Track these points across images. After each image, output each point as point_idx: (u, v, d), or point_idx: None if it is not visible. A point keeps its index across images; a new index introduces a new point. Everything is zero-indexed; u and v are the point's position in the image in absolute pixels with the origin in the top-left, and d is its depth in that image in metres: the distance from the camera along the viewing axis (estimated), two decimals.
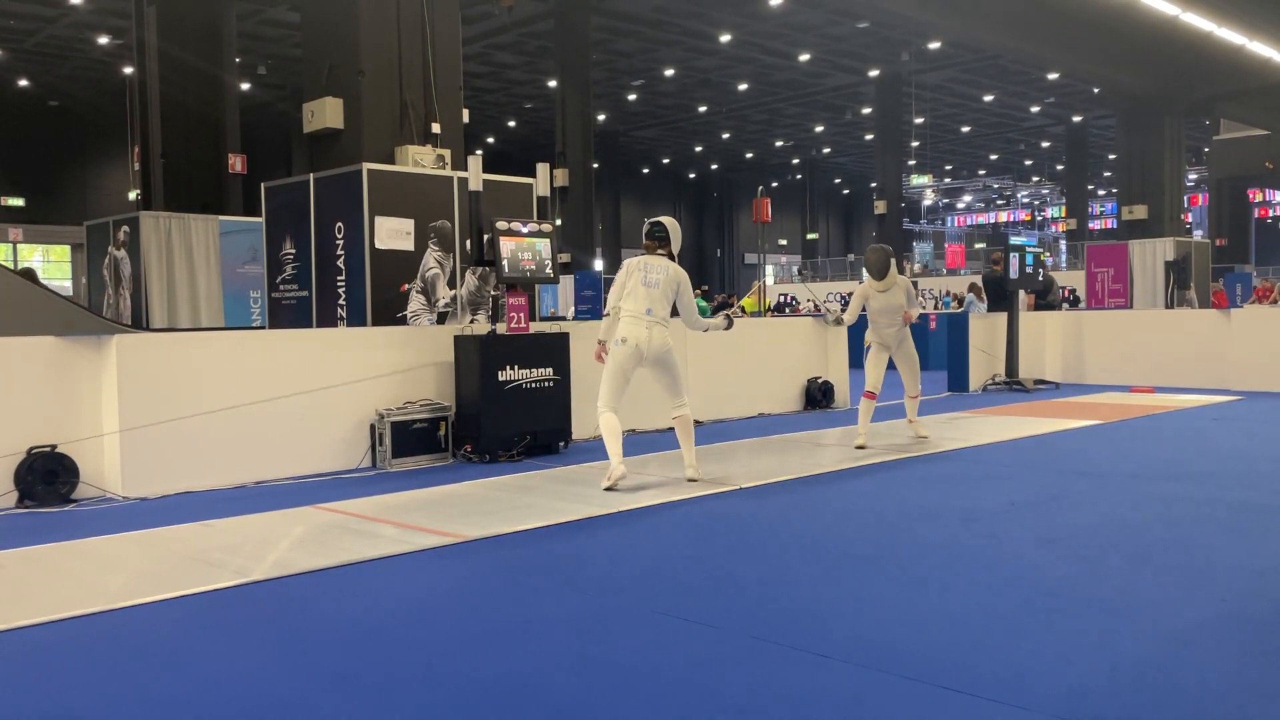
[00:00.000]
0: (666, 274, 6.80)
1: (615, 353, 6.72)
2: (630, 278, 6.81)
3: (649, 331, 6.68)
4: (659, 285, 6.76)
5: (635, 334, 6.67)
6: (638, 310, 6.71)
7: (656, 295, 6.74)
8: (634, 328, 6.68)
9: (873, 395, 8.54)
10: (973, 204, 66.22)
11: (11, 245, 33.89)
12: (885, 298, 8.49)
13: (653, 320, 6.70)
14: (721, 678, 3.35)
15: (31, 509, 6.37)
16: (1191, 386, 13.27)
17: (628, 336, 6.68)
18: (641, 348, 6.67)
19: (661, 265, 6.84)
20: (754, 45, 31.19)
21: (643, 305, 6.71)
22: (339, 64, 10.02)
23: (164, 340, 7.76)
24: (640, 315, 6.70)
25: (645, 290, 6.75)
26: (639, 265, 6.86)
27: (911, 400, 8.89)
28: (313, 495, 6.69)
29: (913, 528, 5.54)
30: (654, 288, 6.75)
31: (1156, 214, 27.41)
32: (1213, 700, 3.08)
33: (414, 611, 4.17)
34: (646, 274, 6.79)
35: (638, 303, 6.72)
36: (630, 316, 6.71)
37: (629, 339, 6.67)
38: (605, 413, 6.72)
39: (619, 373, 6.73)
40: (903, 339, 8.61)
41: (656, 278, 6.77)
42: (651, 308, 6.71)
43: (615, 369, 6.73)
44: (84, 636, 3.88)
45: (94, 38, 27.74)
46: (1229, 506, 5.91)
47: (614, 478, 6.55)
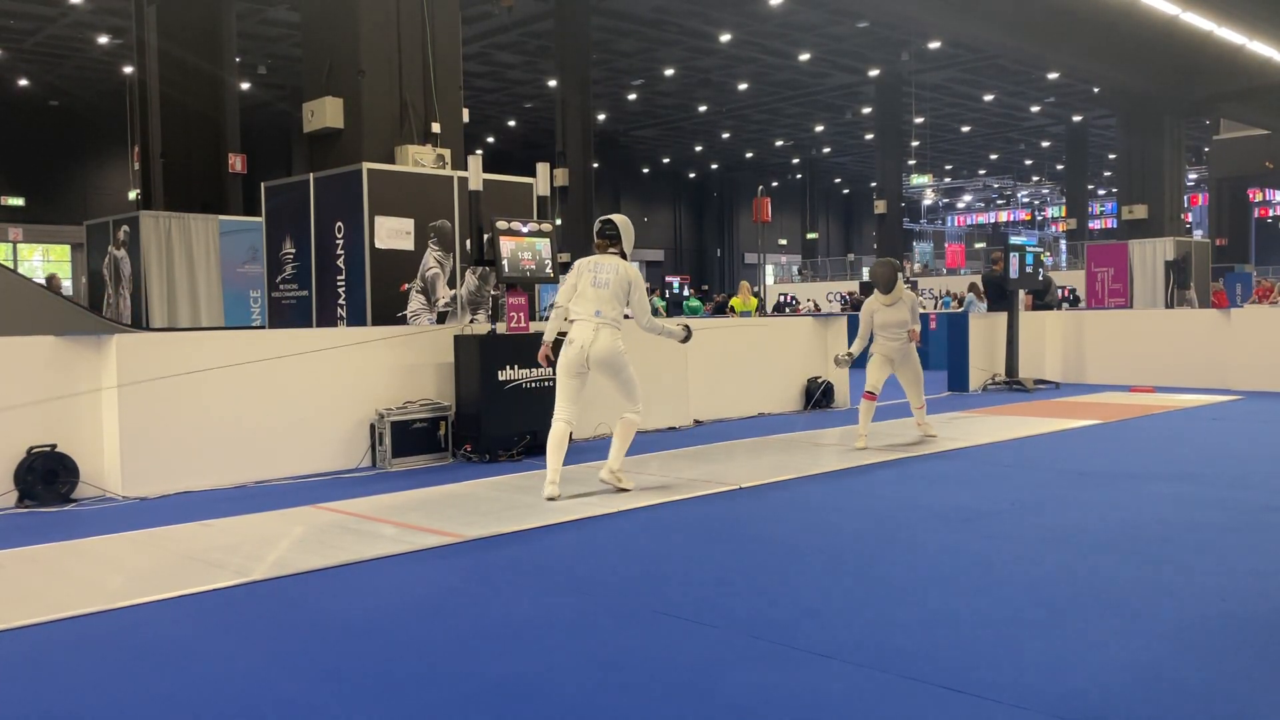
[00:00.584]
0: (617, 274, 6.53)
1: (562, 355, 6.50)
2: (580, 278, 6.56)
3: (595, 334, 6.40)
4: (609, 285, 6.48)
5: (582, 336, 6.43)
6: (586, 312, 6.46)
7: (606, 296, 6.47)
8: (581, 330, 6.45)
9: (873, 396, 8.56)
10: (973, 204, 66.21)
11: (11, 245, 33.88)
12: (891, 312, 8.54)
13: (601, 322, 6.43)
14: (721, 678, 3.35)
15: (31, 509, 6.37)
16: (1191, 386, 13.27)
17: (574, 338, 6.46)
18: (585, 349, 6.40)
19: (612, 265, 6.57)
20: (754, 45, 31.19)
21: (591, 307, 6.45)
22: (339, 64, 10.02)
23: (164, 340, 7.76)
24: (589, 317, 6.45)
25: (594, 291, 6.49)
26: (589, 265, 6.60)
27: (918, 410, 8.92)
28: (312, 495, 6.69)
29: (913, 528, 5.54)
30: (603, 288, 6.48)
31: (1156, 214, 27.40)
32: (1213, 700, 3.08)
33: (414, 611, 4.17)
34: (596, 274, 6.53)
35: (586, 304, 6.47)
36: (579, 319, 6.49)
37: (575, 340, 6.45)
38: (556, 420, 6.51)
39: (564, 376, 6.50)
40: (907, 353, 8.65)
41: (606, 278, 6.51)
42: (600, 309, 6.44)
43: (561, 372, 6.52)
44: (84, 636, 3.88)
45: (94, 37, 27.74)
46: (1229, 506, 5.91)
47: (547, 496, 6.28)
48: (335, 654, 3.65)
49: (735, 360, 10.94)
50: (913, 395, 8.86)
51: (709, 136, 47.16)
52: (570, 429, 6.52)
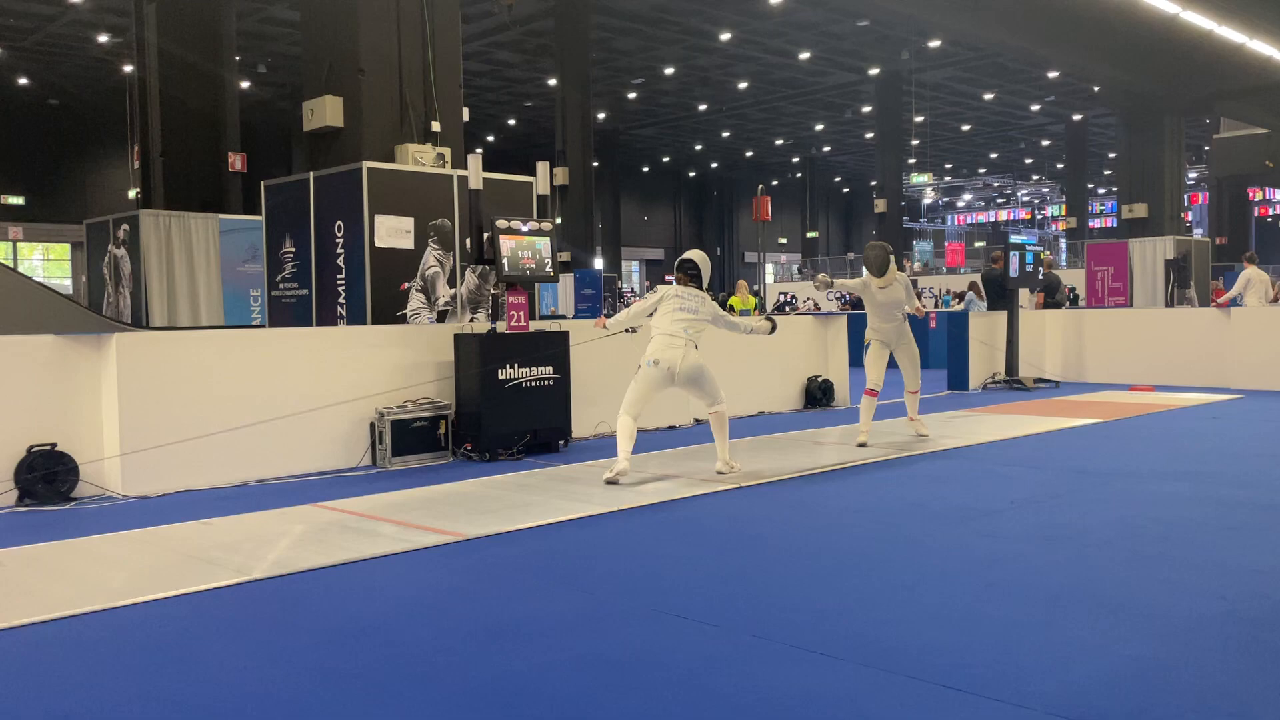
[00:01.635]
0: (703, 303, 7.10)
1: (646, 373, 6.95)
2: (665, 302, 7.07)
3: (683, 353, 6.89)
4: (696, 312, 7.02)
5: (669, 356, 6.87)
6: (674, 330, 6.93)
7: (692, 320, 6.99)
8: (669, 350, 6.89)
9: (874, 393, 8.54)
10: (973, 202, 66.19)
11: (11, 244, 33.88)
12: (885, 294, 8.52)
13: (688, 341, 6.93)
14: (722, 676, 3.35)
15: (31, 507, 6.37)
16: (1191, 385, 13.27)
17: (660, 359, 6.88)
18: (674, 369, 6.88)
19: (698, 296, 7.11)
20: (754, 43, 31.18)
21: (679, 327, 6.94)
22: (339, 62, 10.02)
23: (164, 339, 7.76)
24: (677, 335, 6.92)
25: (681, 314, 6.98)
26: (675, 293, 7.11)
27: (911, 395, 8.88)
28: (312, 494, 6.69)
29: (913, 526, 5.54)
30: (691, 313, 7.00)
31: (1156, 212, 27.39)
32: (1212, 699, 3.08)
33: (414, 610, 4.17)
34: (683, 302, 7.04)
35: (674, 324, 6.95)
36: (665, 335, 6.93)
37: (662, 361, 6.88)
38: (624, 416, 6.95)
39: (647, 390, 6.99)
40: (902, 334, 8.62)
41: (694, 305, 7.04)
42: (688, 328, 6.95)
43: (644, 386, 6.98)
44: (84, 635, 3.88)
45: (94, 36, 27.73)
46: (1228, 505, 5.91)
47: (616, 470, 6.79)
48: (335, 652, 3.65)
49: (735, 359, 10.92)
50: (909, 378, 8.85)
51: (709, 135, 47.15)
52: (637, 423, 7.00)
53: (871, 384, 8.56)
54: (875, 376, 8.57)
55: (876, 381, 8.56)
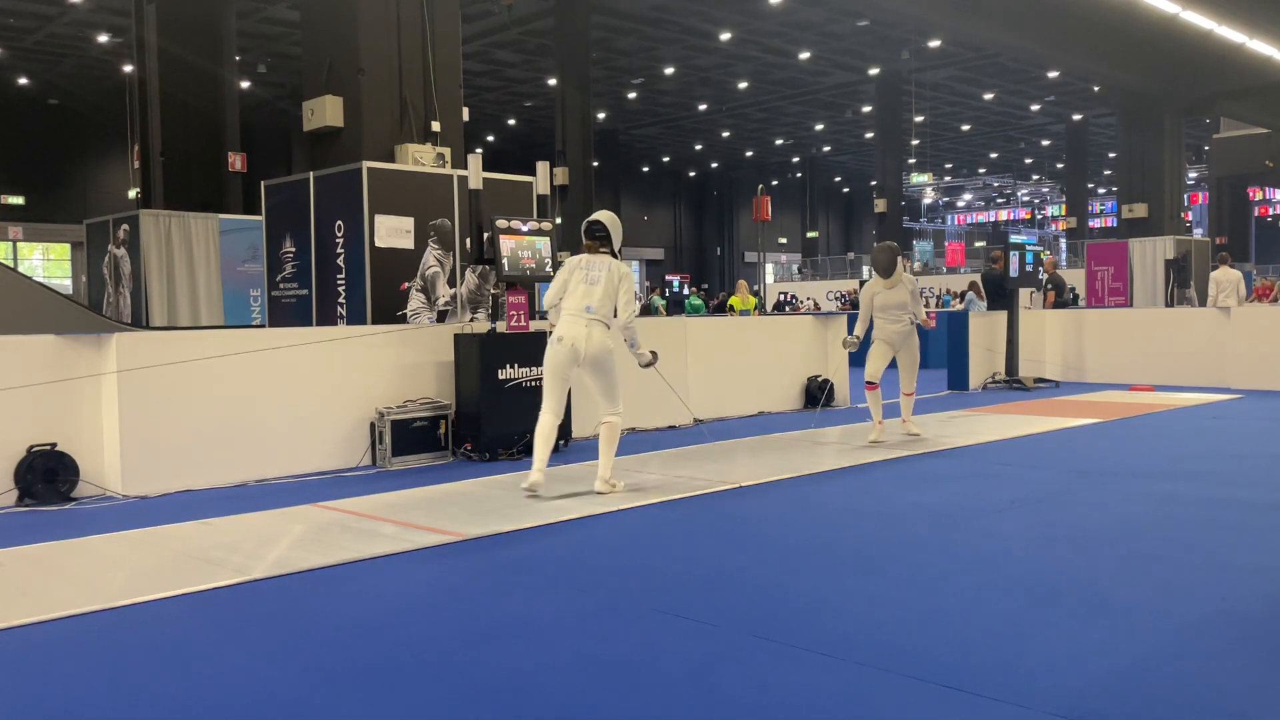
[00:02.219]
0: (608, 271, 6.50)
1: (551, 351, 6.46)
2: (571, 275, 6.53)
3: (588, 330, 6.37)
4: (600, 283, 6.46)
5: (573, 332, 6.37)
6: (577, 307, 6.43)
7: (597, 293, 6.44)
8: (573, 326, 6.39)
9: (874, 385, 8.59)
10: (973, 202, 66.20)
11: (11, 244, 33.88)
12: (891, 295, 8.55)
13: (592, 318, 6.40)
14: (722, 676, 3.35)
15: (31, 507, 6.37)
16: (1191, 385, 13.27)
17: (564, 335, 6.38)
18: (579, 347, 6.36)
19: (603, 263, 6.54)
20: (754, 43, 31.18)
21: (582, 302, 6.43)
22: (339, 62, 10.02)
23: (164, 339, 7.76)
24: (579, 313, 6.41)
25: (586, 287, 6.46)
26: (580, 263, 6.57)
27: (906, 398, 8.91)
28: (313, 493, 6.69)
29: (913, 526, 5.54)
30: (595, 285, 6.46)
31: (1156, 212, 27.39)
32: (1212, 699, 3.08)
33: (414, 610, 4.17)
34: (588, 272, 6.51)
35: (577, 300, 6.45)
36: (569, 314, 6.44)
37: (565, 337, 6.38)
38: (542, 415, 6.48)
39: (555, 372, 6.47)
40: (906, 336, 8.65)
41: (598, 275, 6.48)
42: (591, 304, 6.42)
43: (551, 369, 6.48)
44: (84, 635, 3.88)
45: (94, 36, 27.72)
46: (1229, 505, 5.91)
47: (528, 483, 6.31)
48: (335, 652, 3.65)
49: (735, 359, 10.94)
50: (905, 380, 8.87)
51: (709, 135, 47.15)
52: (558, 420, 6.50)
53: (870, 376, 8.61)
54: (874, 370, 8.61)
55: (875, 374, 8.61)
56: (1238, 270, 17.69)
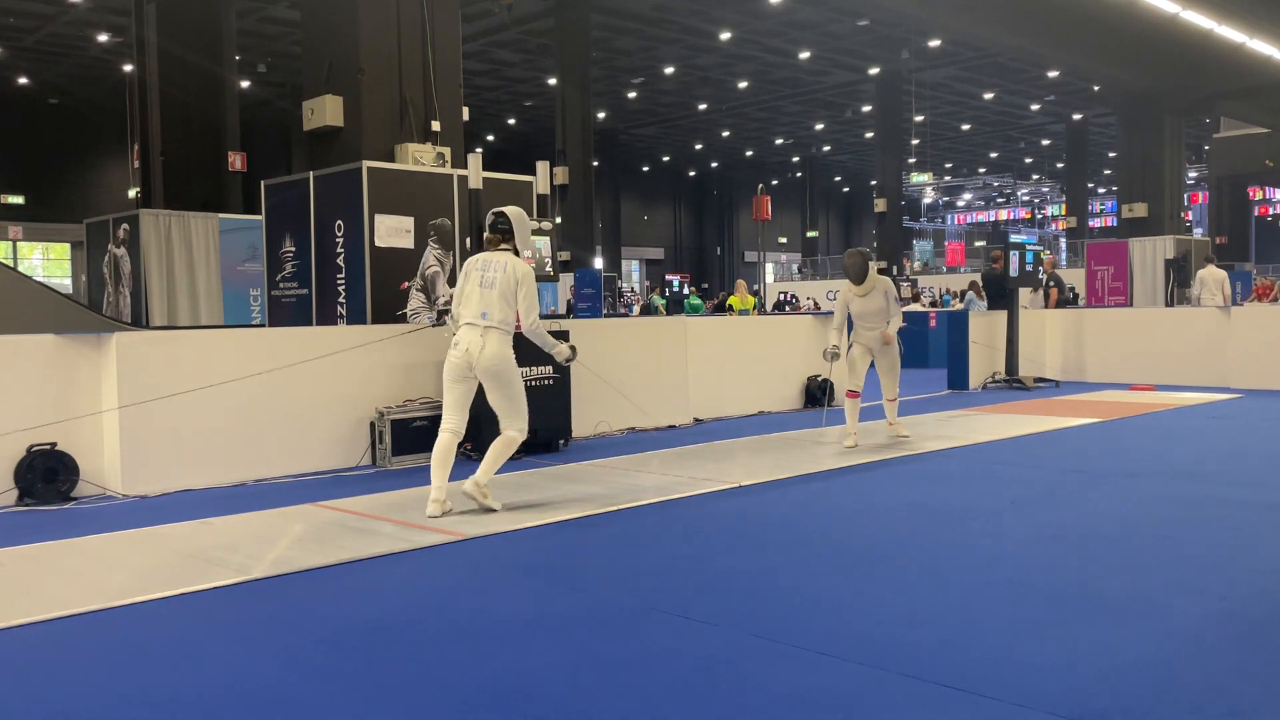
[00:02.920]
0: (504, 271, 5.94)
1: (447, 360, 5.99)
2: (468, 280, 6.02)
3: (482, 339, 5.86)
4: (495, 285, 5.91)
5: (467, 339, 5.89)
6: (473, 315, 5.91)
7: (493, 297, 5.90)
8: (469, 334, 5.90)
9: (856, 394, 8.55)
10: (973, 202, 66.19)
11: (11, 243, 33.89)
12: (865, 301, 8.45)
13: (488, 325, 5.88)
14: (721, 675, 3.35)
15: (31, 507, 6.37)
16: (1191, 384, 13.27)
17: (460, 341, 5.92)
18: (471, 355, 5.87)
19: (501, 262, 5.98)
20: (754, 43, 31.17)
21: (477, 309, 5.91)
22: (339, 62, 10.02)
23: (164, 338, 7.76)
24: (476, 320, 5.90)
25: (480, 292, 5.93)
26: (477, 264, 6.05)
27: (890, 403, 8.87)
28: (312, 493, 6.69)
29: (913, 526, 5.54)
30: (490, 288, 5.92)
31: (1156, 212, 27.40)
32: (1212, 698, 3.08)
33: (414, 609, 4.18)
34: (484, 273, 5.97)
35: (472, 306, 5.93)
36: (467, 323, 5.93)
37: (460, 344, 5.91)
38: (441, 432, 6.04)
39: (450, 383, 5.99)
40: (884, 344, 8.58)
41: (493, 276, 5.94)
42: (487, 311, 5.89)
43: (446, 379, 6.01)
44: (84, 634, 3.88)
45: (94, 35, 27.72)
46: (1229, 505, 5.91)
47: (431, 512, 5.83)
48: (334, 652, 3.65)
49: (735, 358, 10.94)
50: (887, 386, 8.82)
51: (709, 135, 47.14)
52: (457, 439, 6.06)
53: (852, 385, 8.56)
54: (856, 380, 8.56)
55: (857, 384, 8.55)
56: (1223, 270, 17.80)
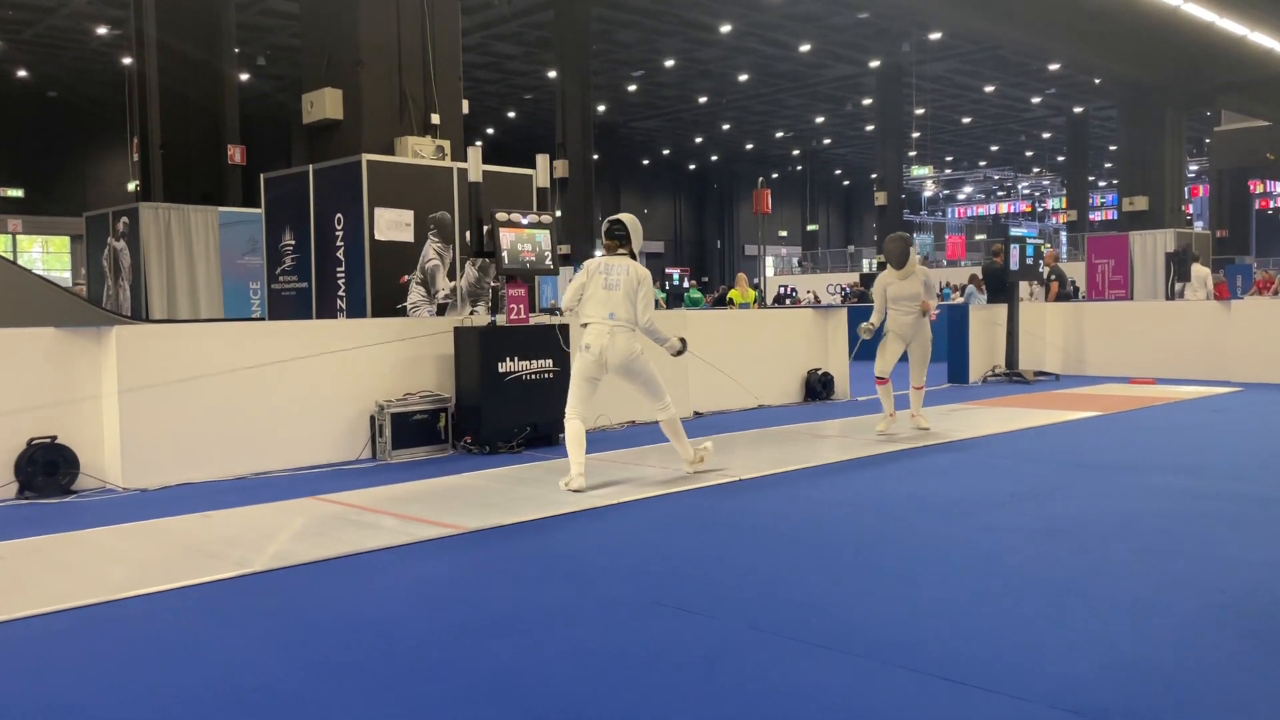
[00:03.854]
0: (627, 274, 6.43)
1: (579, 360, 6.49)
2: (591, 281, 6.49)
3: (611, 338, 6.36)
4: (619, 287, 6.40)
5: (598, 341, 6.37)
6: (600, 315, 6.40)
7: (618, 298, 6.38)
8: (597, 334, 6.38)
9: (884, 380, 8.64)
10: (973, 195, 66.16)
11: (11, 236, 33.87)
12: (904, 286, 8.59)
13: (615, 325, 6.37)
14: (720, 668, 3.35)
15: (32, 500, 6.38)
16: (1191, 378, 13.27)
17: (591, 343, 6.40)
18: (605, 355, 6.38)
19: (622, 266, 6.47)
20: (754, 36, 31.12)
21: (604, 310, 6.39)
22: (338, 55, 10.00)
23: (164, 332, 7.76)
24: (603, 320, 6.39)
25: (606, 293, 6.41)
26: (599, 267, 6.52)
27: (916, 391, 8.91)
28: (313, 486, 6.69)
29: (912, 519, 5.54)
30: (614, 289, 6.40)
31: (1157, 205, 27.39)
32: (1210, 692, 3.09)
33: (414, 602, 4.18)
34: (608, 275, 6.45)
35: (599, 307, 6.41)
36: (594, 323, 6.43)
37: (592, 346, 6.39)
38: (570, 420, 6.47)
39: (582, 380, 6.48)
40: (920, 328, 8.67)
41: (617, 279, 6.42)
42: (614, 312, 6.37)
43: (579, 376, 6.50)
44: (85, 627, 3.89)
45: (93, 28, 27.68)
46: (1228, 498, 5.91)
47: (571, 485, 6.28)
48: (335, 645, 3.65)
49: (735, 352, 10.93)
50: (916, 372, 8.88)
51: (709, 128, 47.09)
52: (585, 426, 6.51)
53: (880, 371, 8.65)
54: (884, 365, 8.65)
55: (885, 369, 8.65)
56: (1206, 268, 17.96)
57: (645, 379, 6.55)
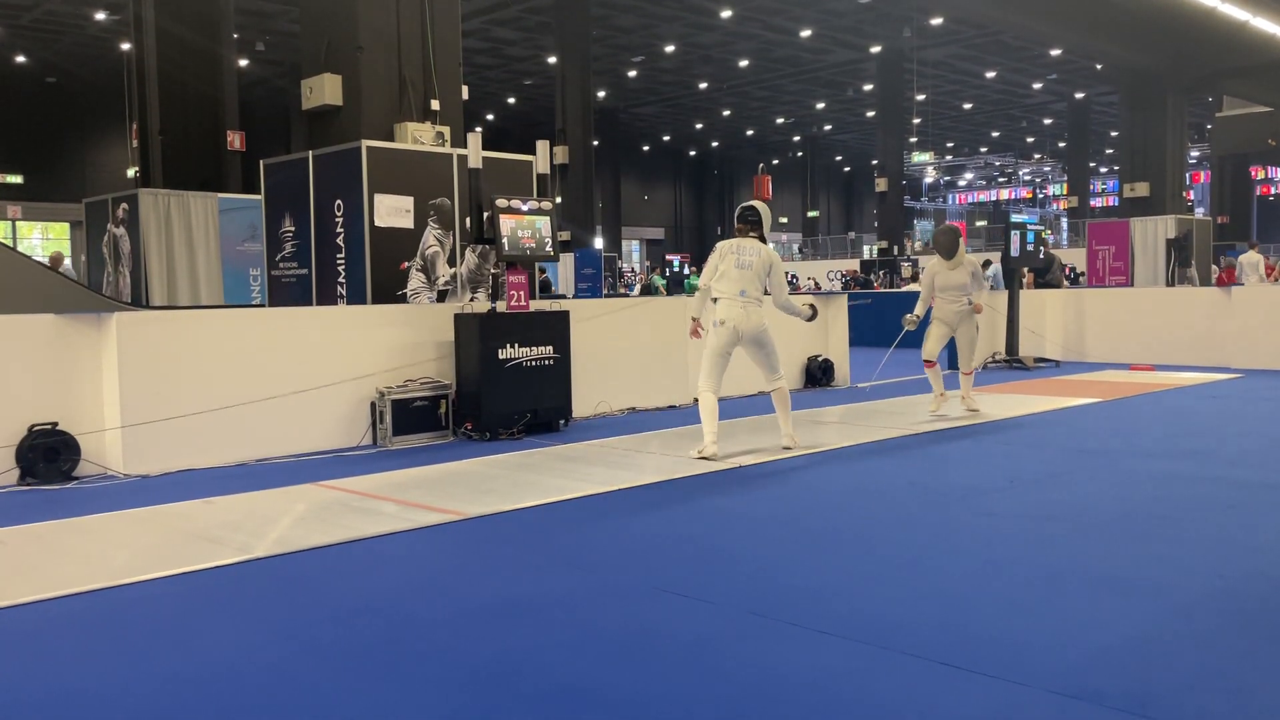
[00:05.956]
0: (759, 256, 7.02)
1: (714, 334, 6.99)
2: (724, 260, 7.03)
3: (745, 311, 6.92)
4: (752, 267, 6.98)
5: (732, 315, 6.92)
6: (732, 292, 6.95)
7: (750, 276, 6.97)
8: (730, 309, 6.93)
9: (932, 363, 8.83)
10: (974, 181, 66.03)
11: (10, 222, 33.82)
12: (952, 276, 8.77)
13: (747, 301, 6.94)
14: (720, 653, 3.37)
15: (33, 486, 6.39)
16: (1191, 364, 13.27)
17: (725, 318, 6.94)
18: (739, 328, 6.93)
19: (754, 247, 7.06)
20: (755, 21, 31.00)
21: (736, 287, 6.95)
22: (337, 40, 9.97)
23: (164, 318, 7.76)
24: (735, 297, 6.94)
25: (739, 272, 6.97)
26: (732, 248, 7.07)
27: (965, 376, 9.12)
28: (314, 473, 6.71)
29: (912, 505, 5.56)
30: (747, 269, 6.98)
31: (1158, 191, 27.33)
32: (1210, 676, 3.10)
33: (415, 588, 4.19)
34: (740, 256, 7.01)
35: (732, 284, 6.96)
36: (726, 299, 6.96)
37: (727, 320, 6.93)
38: (705, 393, 7.01)
39: (718, 353, 7.01)
40: (965, 317, 8.86)
41: (749, 259, 7.00)
42: (745, 289, 6.95)
43: (714, 350, 7.01)
44: (87, 613, 3.90)
45: (91, 14, 27.56)
46: (1227, 484, 5.92)
47: (705, 452, 6.86)
48: (337, 630, 3.67)
49: None
50: (964, 359, 9.12)
51: (709, 114, 46.95)
52: (718, 395, 7.04)
53: (927, 355, 8.84)
54: (932, 349, 8.84)
55: (932, 353, 8.85)
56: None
57: (769, 351, 7.13)
